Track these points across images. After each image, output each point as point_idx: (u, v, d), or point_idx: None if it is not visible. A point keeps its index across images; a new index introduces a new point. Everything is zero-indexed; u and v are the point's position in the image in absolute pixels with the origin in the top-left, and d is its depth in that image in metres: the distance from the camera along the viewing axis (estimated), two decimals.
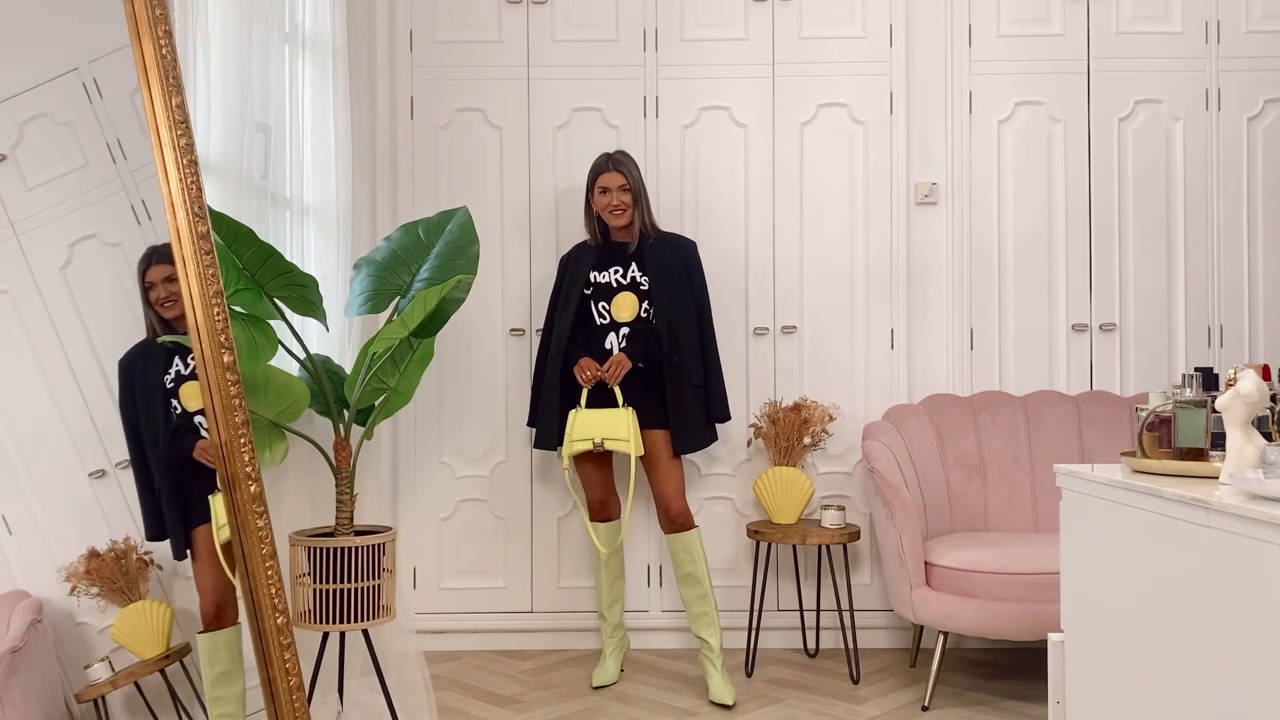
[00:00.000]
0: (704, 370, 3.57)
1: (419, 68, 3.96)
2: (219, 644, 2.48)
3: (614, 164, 3.51)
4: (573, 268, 3.61)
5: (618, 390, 3.43)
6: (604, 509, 3.59)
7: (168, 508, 2.39)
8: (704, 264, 3.62)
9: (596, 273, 3.54)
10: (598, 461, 3.54)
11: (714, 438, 3.62)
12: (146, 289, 2.37)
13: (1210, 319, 3.92)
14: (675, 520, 3.43)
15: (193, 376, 2.42)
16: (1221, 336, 3.91)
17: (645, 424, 3.45)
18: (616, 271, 3.52)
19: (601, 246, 3.58)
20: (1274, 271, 3.92)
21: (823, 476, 3.91)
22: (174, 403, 2.43)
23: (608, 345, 3.49)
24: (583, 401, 3.44)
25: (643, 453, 3.41)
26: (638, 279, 3.50)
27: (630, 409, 3.41)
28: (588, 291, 3.54)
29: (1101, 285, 3.92)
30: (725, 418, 3.62)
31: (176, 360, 2.43)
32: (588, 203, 3.57)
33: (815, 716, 3.19)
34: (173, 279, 2.36)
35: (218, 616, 2.48)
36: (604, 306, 3.51)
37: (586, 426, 3.40)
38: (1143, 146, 3.92)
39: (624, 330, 3.48)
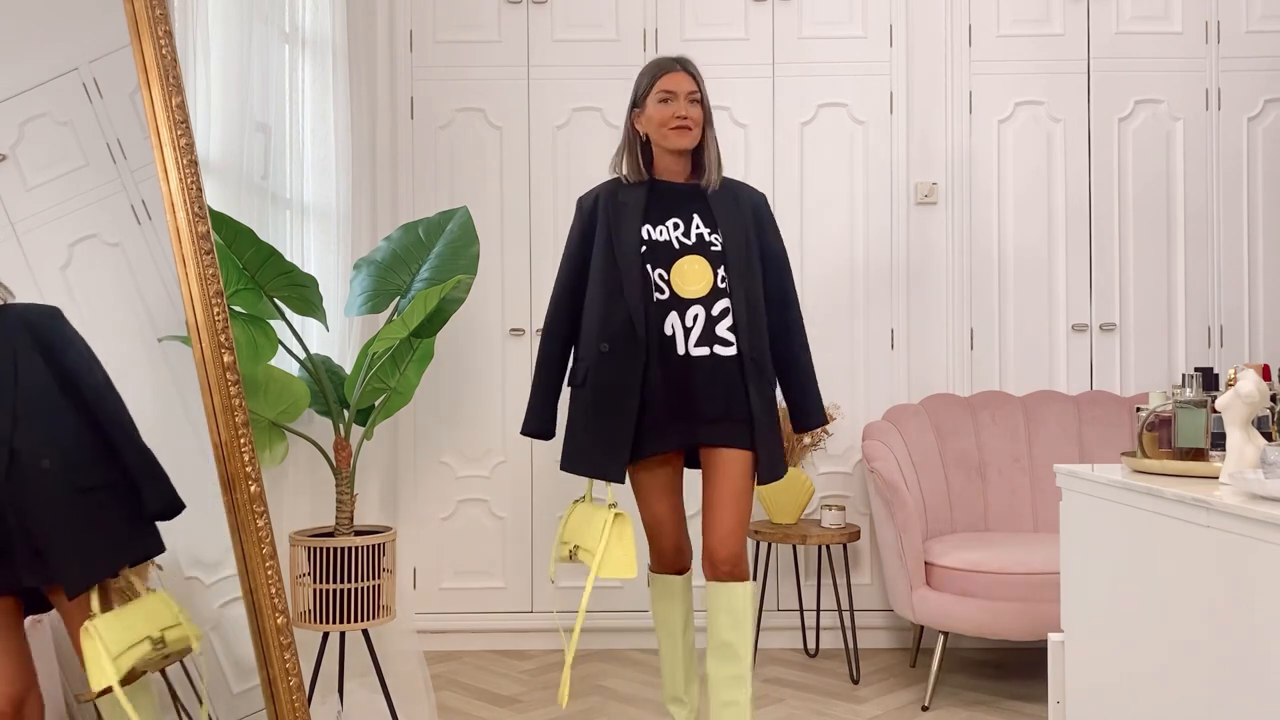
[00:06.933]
0: (793, 365, 2.66)
1: (419, 68, 3.96)
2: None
3: (682, 65, 2.56)
4: (610, 216, 2.54)
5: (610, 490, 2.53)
6: (679, 558, 2.68)
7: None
8: None
9: (651, 227, 2.50)
10: (667, 495, 2.63)
11: (784, 469, 2.60)
12: None
13: (1210, 319, 3.92)
14: (719, 566, 2.50)
15: None
16: (1221, 336, 3.91)
17: (713, 440, 2.51)
18: (677, 226, 2.50)
19: (648, 188, 2.56)
20: (1274, 271, 3.92)
21: (823, 476, 3.91)
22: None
23: (668, 330, 2.48)
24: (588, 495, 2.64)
25: (609, 574, 2.42)
26: (706, 236, 2.49)
27: (613, 509, 2.46)
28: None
29: (1101, 285, 3.92)
30: (821, 423, 2.73)
31: None
32: (631, 126, 2.61)
33: (815, 716, 3.19)
34: None
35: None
36: (661, 275, 2.48)
37: (569, 527, 2.61)
38: (1143, 146, 3.92)
39: (692, 311, 2.46)
